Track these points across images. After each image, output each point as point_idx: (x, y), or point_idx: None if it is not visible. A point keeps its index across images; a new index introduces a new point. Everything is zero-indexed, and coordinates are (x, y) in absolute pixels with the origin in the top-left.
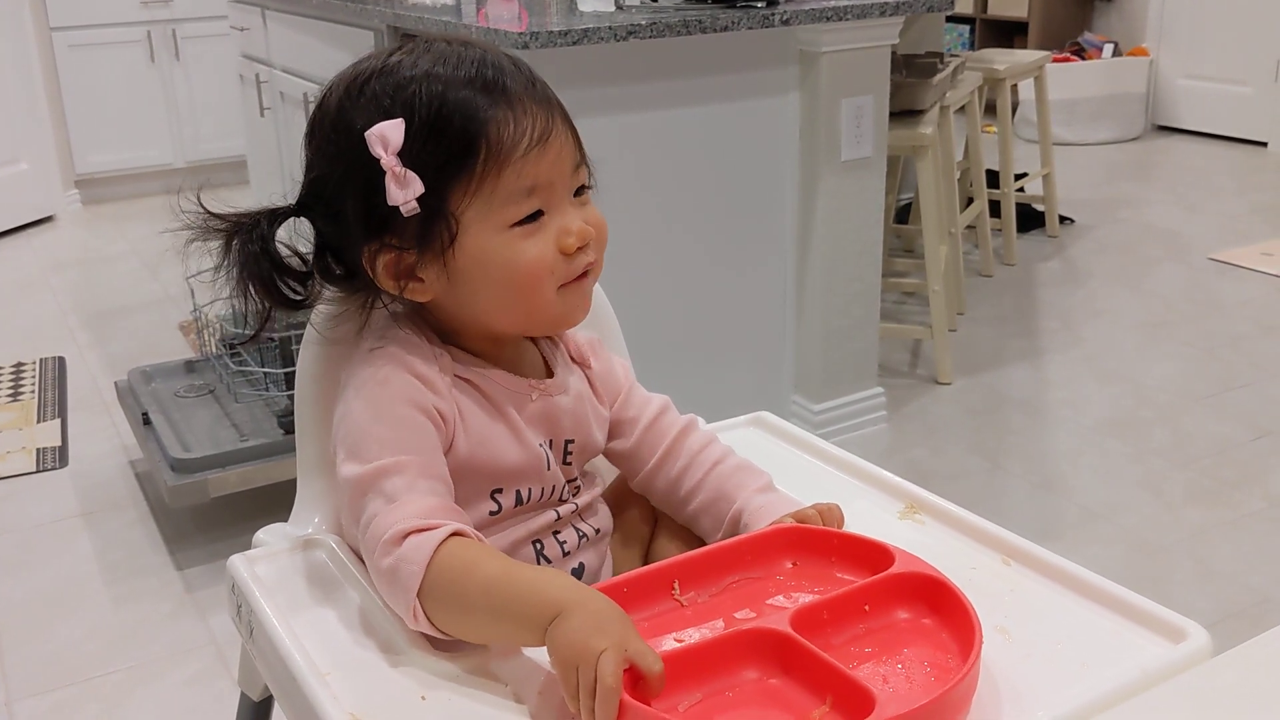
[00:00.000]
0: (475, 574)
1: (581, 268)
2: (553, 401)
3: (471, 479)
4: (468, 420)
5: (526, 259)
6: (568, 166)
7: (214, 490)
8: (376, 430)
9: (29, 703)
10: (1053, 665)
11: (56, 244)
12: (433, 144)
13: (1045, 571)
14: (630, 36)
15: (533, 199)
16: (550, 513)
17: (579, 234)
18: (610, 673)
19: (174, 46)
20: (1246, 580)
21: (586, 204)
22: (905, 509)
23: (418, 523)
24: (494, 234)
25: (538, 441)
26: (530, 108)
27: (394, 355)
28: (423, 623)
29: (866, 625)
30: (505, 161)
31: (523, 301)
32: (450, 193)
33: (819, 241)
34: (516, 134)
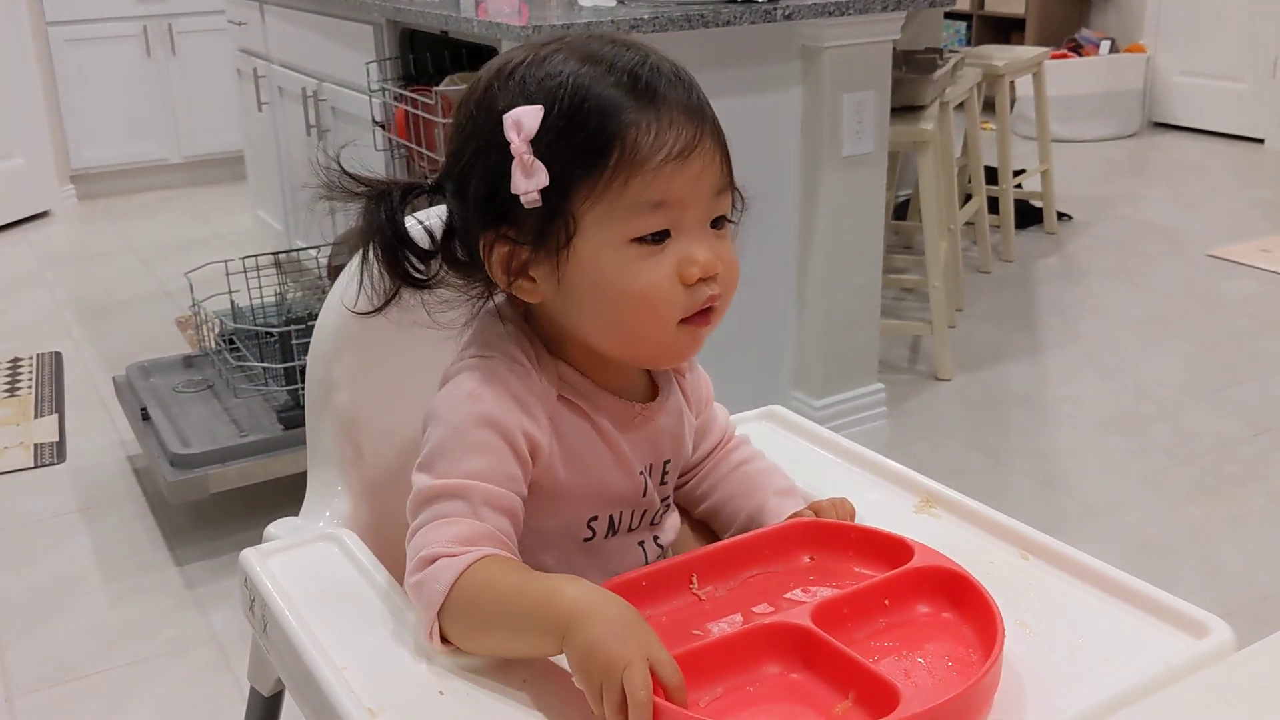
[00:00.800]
0: (493, 588)
1: (703, 302)
2: (655, 424)
3: (569, 506)
4: (568, 443)
5: (641, 282)
6: (707, 190)
7: (213, 486)
8: (454, 447)
9: (30, 699)
10: (1075, 660)
11: (52, 239)
12: (566, 138)
13: (1064, 566)
14: (632, 30)
15: (659, 215)
16: (639, 553)
17: (704, 265)
18: (640, 686)
19: (170, 41)
20: (1250, 576)
21: (724, 238)
22: (921, 503)
23: (452, 548)
24: (612, 246)
25: (639, 468)
26: (678, 119)
27: (496, 370)
28: (437, 642)
29: (887, 620)
30: (637, 169)
31: (630, 327)
32: (574, 191)
33: (820, 237)
34: (656, 143)
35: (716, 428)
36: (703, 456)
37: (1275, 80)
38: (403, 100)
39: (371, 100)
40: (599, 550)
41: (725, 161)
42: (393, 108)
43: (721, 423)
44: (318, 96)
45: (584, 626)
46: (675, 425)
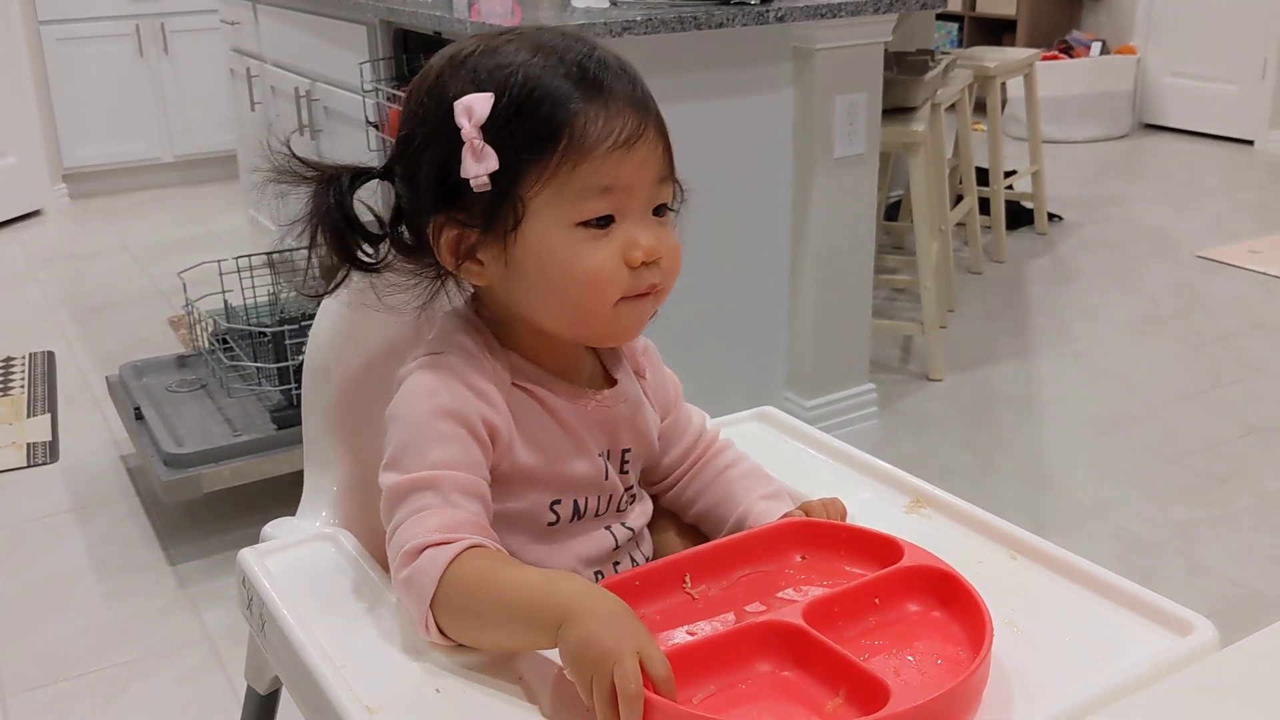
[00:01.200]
0: (487, 582)
1: (644, 285)
2: (611, 411)
3: (530, 490)
4: (525, 430)
5: (587, 263)
6: (650, 177)
7: (207, 485)
8: (418, 441)
9: (24, 698)
10: (1061, 658)
11: (44, 238)
12: (516, 124)
13: (1052, 565)
14: (625, 32)
15: (605, 200)
16: (608, 536)
17: (647, 249)
18: (630, 679)
19: (162, 40)
20: (1236, 576)
21: (665, 225)
22: (911, 503)
23: (437, 536)
24: (559, 229)
25: (597, 451)
26: (624, 109)
27: (448, 364)
28: (434, 634)
29: (877, 618)
30: (585, 156)
31: (576, 307)
32: (523, 176)
33: (812, 238)
34: (603, 131)
35: (691, 429)
36: (680, 458)
37: (1265, 82)
38: (396, 100)
39: (365, 100)
40: (564, 533)
41: (667, 152)
42: (386, 108)
43: (697, 424)
44: (310, 96)
45: (577, 622)
46: (633, 416)
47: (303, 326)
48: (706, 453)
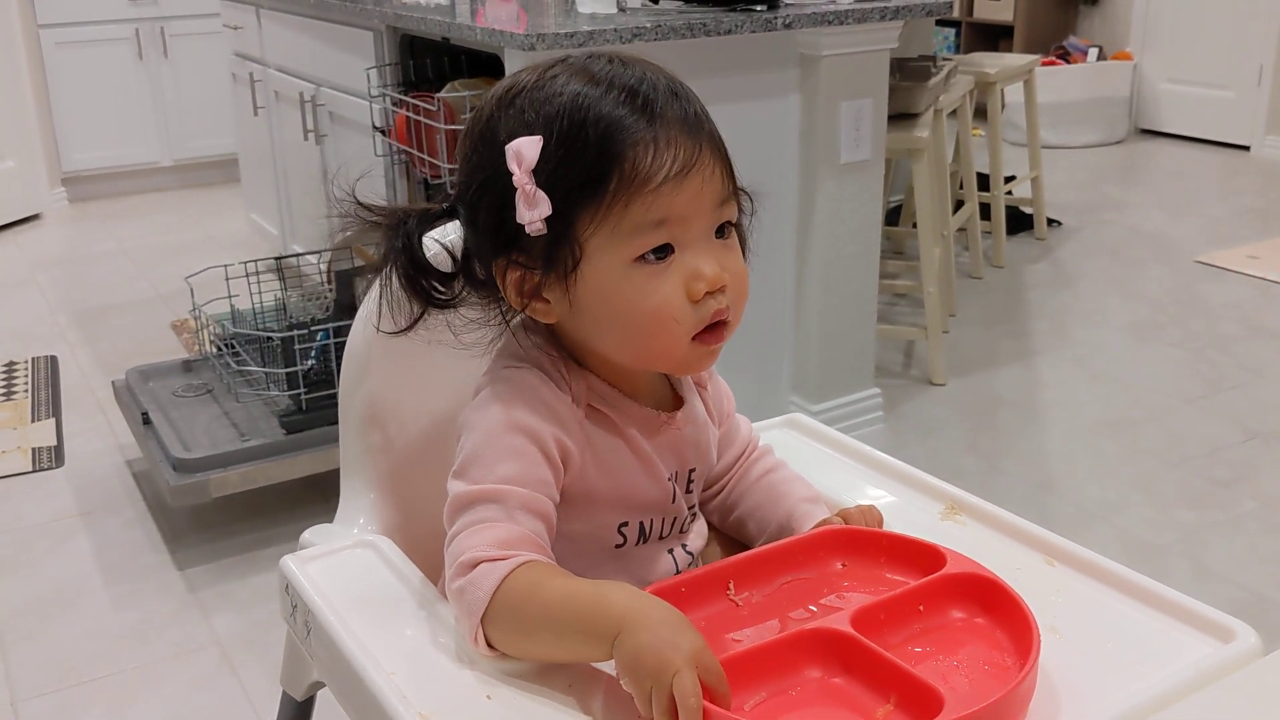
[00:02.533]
0: (538, 594)
1: (711, 316)
2: (681, 434)
3: (600, 510)
4: (599, 452)
5: (651, 302)
6: (708, 203)
7: (215, 490)
8: (488, 453)
9: (35, 703)
10: (1105, 664)
11: (44, 242)
12: (566, 166)
13: (1090, 571)
14: (635, 39)
15: (660, 232)
16: (669, 560)
17: (709, 279)
18: (690, 692)
19: (162, 44)
20: (1241, 580)
21: (730, 248)
22: (946, 509)
23: (493, 552)
24: (617, 267)
25: (666, 474)
26: (676, 137)
27: (525, 381)
28: (482, 647)
29: (922, 625)
30: (637, 192)
31: (645, 344)
32: (578, 218)
33: (818, 243)
34: (654, 165)
35: (740, 438)
36: (727, 467)
37: (1261, 88)
38: (403, 106)
39: (371, 105)
40: (629, 557)
41: (726, 171)
42: (393, 113)
43: (745, 433)
44: (315, 101)
45: (634, 632)
46: (699, 434)
47: (311, 332)
48: (745, 458)
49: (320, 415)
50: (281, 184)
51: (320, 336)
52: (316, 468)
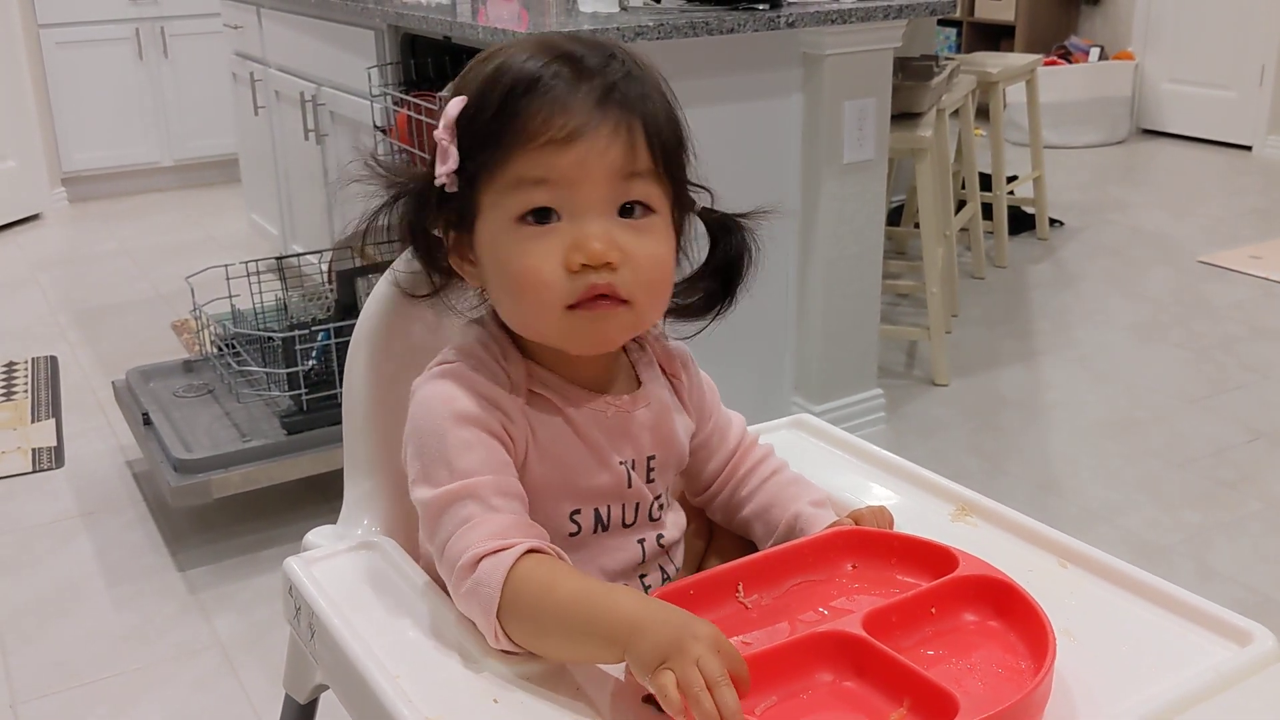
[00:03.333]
0: (551, 595)
1: (585, 289)
2: (633, 417)
3: (548, 499)
4: (541, 439)
5: (524, 262)
6: (602, 173)
7: (217, 491)
8: (443, 451)
9: (36, 704)
10: (1120, 668)
11: (44, 242)
12: (474, 124)
13: (1103, 574)
14: (638, 38)
15: (539, 193)
16: (636, 549)
17: (589, 253)
18: (719, 673)
19: (162, 44)
20: (1246, 581)
21: (639, 229)
22: (957, 511)
23: (492, 544)
24: (502, 224)
25: (618, 459)
26: (579, 105)
27: (459, 374)
28: (504, 643)
29: (934, 628)
30: (521, 149)
31: (520, 307)
32: (478, 174)
33: (821, 243)
34: (542, 125)
35: (732, 435)
36: (722, 465)
37: (1263, 88)
38: (405, 105)
39: (373, 105)
40: (590, 545)
41: (650, 152)
42: (394, 112)
43: (737, 430)
44: (316, 101)
45: (645, 634)
46: (659, 420)
47: (312, 332)
48: (747, 457)
49: (321, 416)
50: (282, 184)
51: (321, 337)
52: (318, 468)
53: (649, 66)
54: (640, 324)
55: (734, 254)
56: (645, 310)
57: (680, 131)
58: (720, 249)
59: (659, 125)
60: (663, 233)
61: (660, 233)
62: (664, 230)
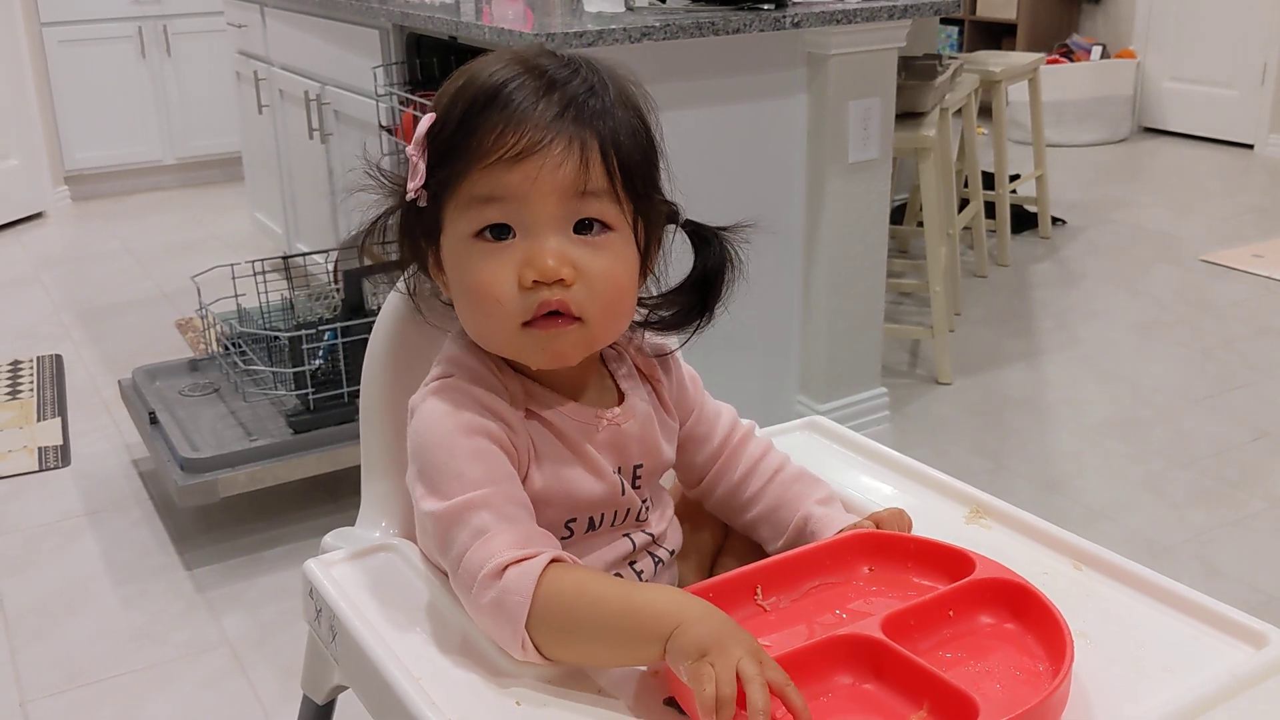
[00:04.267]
0: (585, 597)
1: (536, 306)
2: (622, 430)
3: (546, 510)
4: (541, 454)
5: (478, 277)
6: (550, 189)
7: (224, 490)
8: (453, 464)
9: (44, 703)
10: (1137, 670)
11: (47, 241)
12: (438, 140)
13: (1118, 576)
14: (644, 38)
15: (492, 210)
16: (625, 542)
17: (540, 269)
18: (757, 674)
19: (165, 42)
20: (1252, 580)
21: (594, 245)
22: (971, 513)
23: (515, 553)
24: (461, 239)
25: (611, 469)
26: (536, 122)
27: (458, 387)
28: (531, 653)
29: (951, 630)
30: (475, 165)
31: (477, 321)
32: (441, 190)
33: (825, 242)
34: (497, 142)
35: (720, 427)
36: (712, 456)
37: (1264, 86)
38: (410, 105)
39: (378, 105)
40: (580, 543)
41: (603, 168)
42: (399, 112)
43: (726, 420)
44: (320, 100)
45: (690, 626)
46: (644, 430)
47: (319, 331)
48: (742, 452)
49: (328, 415)
50: (286, 183)
51: (328, 336)
52: (324, 468)
53: (622, 80)
54: (595, 341)
55: (713, 267)
56: (599, 328)
57: (648, 148)
58: (699, 261)
59: (618, 141)
60: (620, 250)
61: (617, 250)
62: (622, 247)
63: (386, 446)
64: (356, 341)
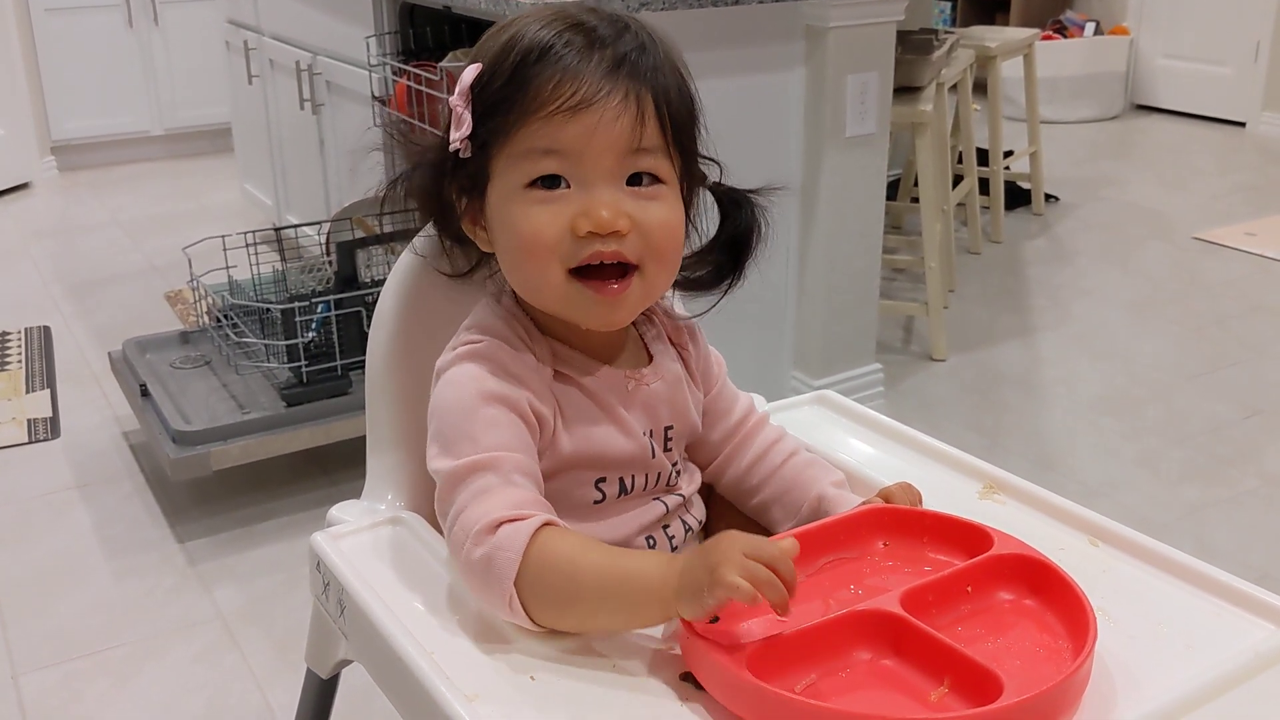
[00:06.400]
0: (582, 559)
1: (589, 255)
2: (651, 390)
3: (576, 472)
4: (569, 416)
5: (529, 225)
6: (607, 144)
7: (216, 463)
8: (469, 427)
9: (36, 676)
10: (1158, 647)
11: (34, 211)
12: (486, 91)
13: (1135, 552)
14: (643, 8)
15: (548, 161)
16: (659, 505)
17: (595, 220)
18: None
19: (153, 11)
20: (1245, 558)
21: (649, 197)
22: (984, 488)
23: (511, 512)
24: (511, 191)
25: (641, 430)
26: (590, 75)
27: (488, 352)
28: (518, 613)
29: (970, 606)
30: (532, 118)
31: (523, 271)
32: (492, 140)
33: (821, 218)
34: (553, 94)
35: (738, 409)
36: (727, 436)
37: (1257, 64)
38: (404, 75)
39: (371, 75)
40: (613, 508)
41: (652, 122)
42: (392, 82)
43: (744, 404)
44: (312, 70)
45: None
46: (673, 393)
47: (312, 304)
48: (756, 435)
49: (321, 388)
50: (277, 154)
51: (321, 308)
52: (317, 441)
53: (664, 40)
54: (652, 291)
55: (743, 229)
56: (655, 276)
57: (692, 106)
58: (730, 223)
59: (670, 98)
60: (672, 201)
61: (669, 201)
62: (673, 199)
63: (392, 419)
64: (349, 314)
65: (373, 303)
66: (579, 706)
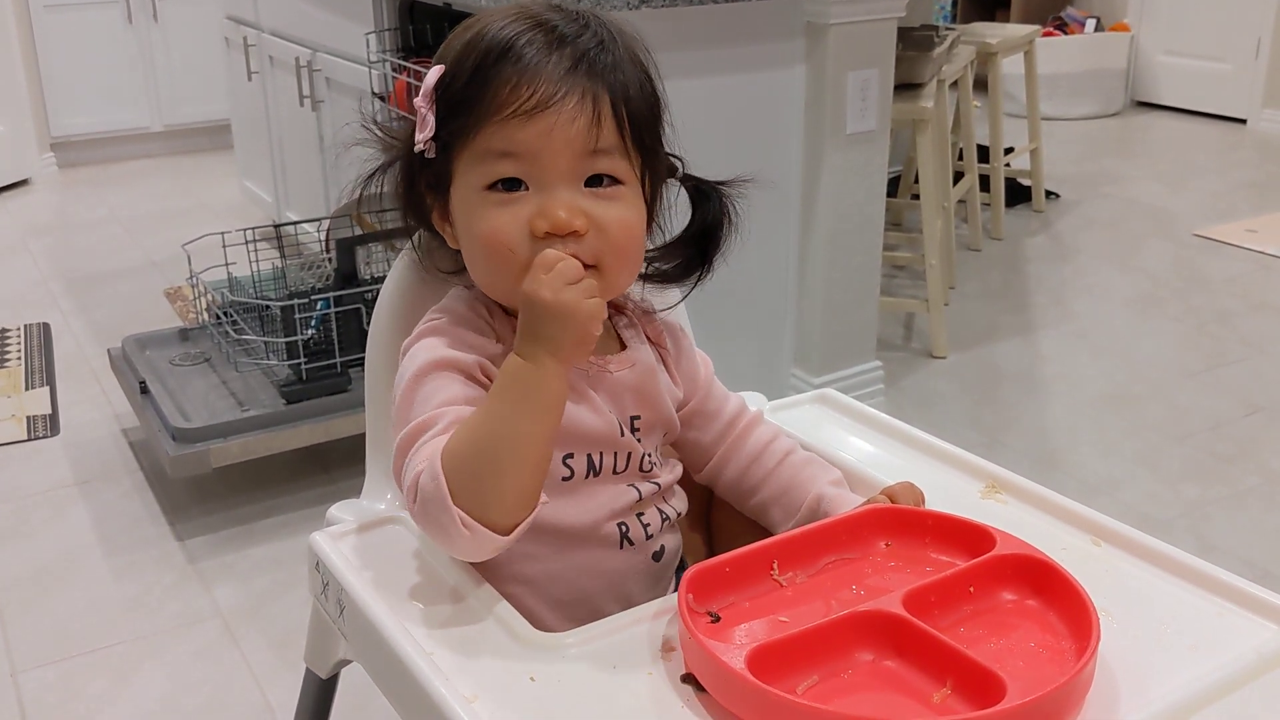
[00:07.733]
0: (469, 424)
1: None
2: (615, 378)
3: None
4: None
5: (487, 225)
6: (563, 145)
7: (216, 461)
8: (419, 396)
9: (35, 673)
10: (1161, 647)
11: (33, 208)
12: (449, 93)
13: (1138, 552)
14: (643, 4)
15: (506, 164)
16: (632, 490)
17: (553, 221)
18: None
19: (152, 8)
20: (1246, 555)
21: (607, 198)
22: (986, 488)
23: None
24: (471, 192)
25: (607, 409)
26: (549, 76)
27: (443, 328)
28: (477, 530)
29: (973, 607)
30: (489, 120)
31: (487, 270)
32: (454, 141)
33: (822, 215)
34: (511, 96)
35: (728, 410)
36: (718, 437)
37: (1258, 61)
38: (404, 72)
39: (371, 71)
40: (583, 488)
41: (614, 123)
42: (392, 79)
43: (735, 405)
44: (312, 67)
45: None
46: (641, 382)
47: (312, 300)
48: (750, 435)
49: (320, 385)
50: (276, 151)
51: (320, 305)
52: (316, 438)
53: (628, 35)
54: (610, 289)
55: (712, 221)
56: (614, 275)
57: (655, 102)
58: (698, 215)
59: (629, 96)
60: (631, 201)
61: (629, 200)
62: (633, 199)
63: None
64: (349, 311)
65: (372, 300)
66: (579, 707)
